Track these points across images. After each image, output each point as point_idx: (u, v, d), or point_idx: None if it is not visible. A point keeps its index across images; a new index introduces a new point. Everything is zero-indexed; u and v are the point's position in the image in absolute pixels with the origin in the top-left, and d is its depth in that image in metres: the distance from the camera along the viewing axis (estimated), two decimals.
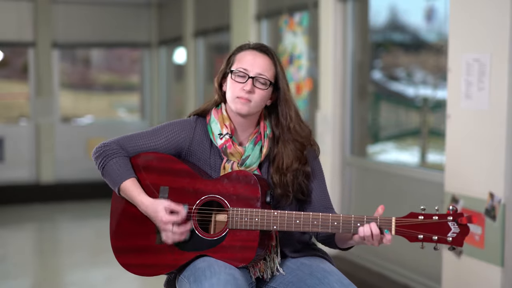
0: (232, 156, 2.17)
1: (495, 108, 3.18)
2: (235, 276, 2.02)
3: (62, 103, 8.69)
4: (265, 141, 2.20)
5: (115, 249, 2.24)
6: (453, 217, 1.97)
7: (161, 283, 2.38)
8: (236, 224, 2.08)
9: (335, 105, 4.84)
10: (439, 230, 1.97)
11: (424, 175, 4.17)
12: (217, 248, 2.10)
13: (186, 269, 2.14)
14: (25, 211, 7.68)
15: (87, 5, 8.53)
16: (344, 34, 4.81)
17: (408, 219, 1.99)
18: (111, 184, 2.20)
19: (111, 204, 2.25)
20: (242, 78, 2.15)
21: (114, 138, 2.24)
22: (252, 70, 2.15)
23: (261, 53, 2.18)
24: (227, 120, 2.20)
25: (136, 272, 2.22)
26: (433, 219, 1.97)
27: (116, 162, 2.18)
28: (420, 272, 4.20)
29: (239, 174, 2.11)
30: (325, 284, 2.08)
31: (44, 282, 5.07)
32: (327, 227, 2.04)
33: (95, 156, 2.23)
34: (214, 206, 2.16)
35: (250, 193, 2.09)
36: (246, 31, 6.00)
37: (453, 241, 1.97)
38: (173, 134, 2.22)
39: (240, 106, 2.15)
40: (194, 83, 7.58)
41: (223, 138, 2.18)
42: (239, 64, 2.17)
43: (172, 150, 2.22)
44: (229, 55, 2.23)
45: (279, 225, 2.07)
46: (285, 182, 2.17)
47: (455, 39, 3.43)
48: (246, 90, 2.13)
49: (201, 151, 2.22)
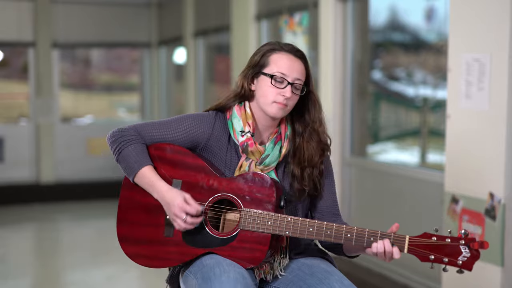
0: (252, 154, 2.16)
1: (495, 108, 3.18)
2: (244, 275, 2.02)
3: (62, 103, 8.69)
4: (285, 142, 2.20)
5: (121, 237, 2.22)
6: (466, 241, 1.99)
7: (162, 282, 2.38)
8: (248, 225, 2.08)
9: (335, 105, 4.84)
10: (451, 253, 1.99)
11: (424, 175, 4.18)
12: (226, 247, 2.09)
13: (192, 265, 2.13)
14: (25, 211, 7.68)
15: (87, 5, 8.53)
16: (344, 34, 4.81)
17: (422, 239, 2.01)
18: (127, 170, 2.17)
19: (120, 193, 2.23)
20: (280, 83, 2.13)
21: (131, 124, 2.22)
22: (290, 75, 2.13)
23: (296, 58, 2.16)
24: (250, 119, 2.18)
25: (141, 262, 2.21)
26: (445, 242, 2.00)
27: (134, 149, 2.16)
28: (420, 272, 4.20)
29: (256, 176, 2.10)
30: (325, 284, 2.08)
31: (44, 282, 5.07)
32: (340, 238, 2.05)
33: (111, 140, 2.19)
34: (225, 205, 2.16)
35: (265, 196, 2.09)
36: (246, 31, 6.00)
37: (463, 264, 1.99)
38: (192, 127, 2.20)
39: (276, 110, 2.14)
40: (194, 83, 7.58)
41: (244, 135, 2.17)
42: (277, 68, 2.13)
43: (188, 143, 2.20)
44: (260, 53, 2.18)
45: (292, 231, 2.06)
46: (305, 176, 2.18)
47: (455, 39, 3.43)
48: (285, 97, 2.12)
49: (218, 147, 2.20)
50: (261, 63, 2.16)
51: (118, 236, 2.23)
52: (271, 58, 2.15)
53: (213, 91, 7.51)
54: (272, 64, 2.14)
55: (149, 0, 8.75)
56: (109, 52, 9.26)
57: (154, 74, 8.96)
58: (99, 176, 8.30)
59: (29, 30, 8.16)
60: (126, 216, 2.22)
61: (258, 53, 2.19)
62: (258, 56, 2.17)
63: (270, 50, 2.17)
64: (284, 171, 2.22)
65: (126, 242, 2.21)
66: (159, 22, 8.83)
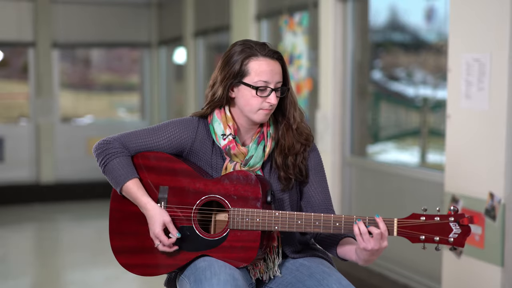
0: (236, 157, 2.17)
1: (495, 108, 3.18)
2: (234, 277, 2.02)
3: (62, 103, 8.69)
4: (268, 141, 2.20)
5: (115, 249, 2.23)
6: (455, 218, 1.97)
7: (161, 283, 2.38)
8: (237, 225, 2.08)
9: (335, 105, 4.84)
10: (441, 231, 1.97)
11: (424, 175, 4.17)
12: (218, 248, 2.10)
13: (187, 268, 2.14)
14: (25, 211, 7.68)
15: (87, 5, 8.52)
16: (344, 34, 4.81)
17: (410, 220, 2.00)
18: (113, 183, 2.19)
19: (110, 204, 2.24)
20: (263, 91, 2.12)
21: (115, 135, 2.22)
22: (272, 81, 2.12)
23: (274, 61, 2.14)
24: (231, 121, 2.18)
25: (136, 272, 2.22)
26: (434, 220, 1.98)
27: (119, 162, 2.17)
28: (420, 272, 4.20)
29: (240, 174, 2.11)
30: (324, 285, 2.07)
31: (44, 282, 5.07)
32: (329, 227, 2.05)
33: (96, 153, 2.21)
34: (214, 206, 2.16)
35: (251, 193, 2.09)
36: (246, 31, 6.00)
37: (454, 241, 1.97)
38: (176, 133, 2.21)
39: (263, 117, 2.14)
40: (194, 83, 7.58)
41: (226, 138, 2.17)
42: (258, 77, 2.11)
43: (174, 149, 2.21)
44: (238, 61, 2.13)
45: (280, 225, 2.07)
46: (288, 164, 2.18)
47: (455, 39, 3.43)
48: (271, 103, 2.12)
49: (203, 151, 2.21)
50: (241, 73, 2.13)
51: (112, 248, 2.24)
52: (250, 66, 2.12)
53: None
54: (252, 73, 2.12)
55: (149, 0, 8.75)
56: (109, 52, 9.26)
57: (154, 74, 8.96)
58: (99, 176, 8.19)
59: (29, 30, 8.16)
60: (118, 227, 2.23)
61: (234, 60, 2.14)
62: (237, 64, 2.13)
63: (247, 57, 2.13)
64: (271, 168, 2.22)
65: (121, 253, 2.22)
66: (159, 22, 8.83)
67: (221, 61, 2.19)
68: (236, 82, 2.15)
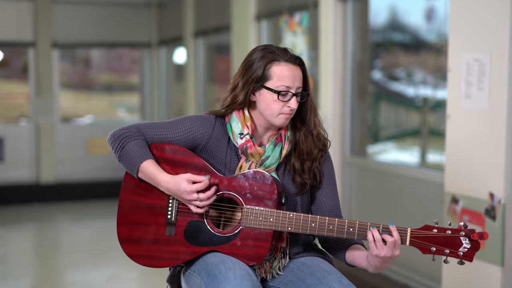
0: (252, 157, 2.18)
1: (495, 108, 3.18)
2: (249, 272, 2.03)
3: (62, 103, 8.69)
4: (285, 143, 2.21)
5: (121, 238, 2.23)
6: (466, 233, 2.02)
7: (162, 281, 2.38)
8: (250, 223, 2.10)
9: (335, 105, 4.84)
10: (452, 244, 2.02)
11: (424, 175, 4.18)
12: (229, 245, 2.11)
13: (195, 263, 2.14)
14: (25, 211, 7.68)
15: (87, 5, 8.53)
16: (344, 34, 4.81)
17: (423, 231, 2.04)
18: (129, 166, 2.18)
19: (120, 195, 2.24)
20: (284, 96, 2.14)
21: (131, 124, 2.25)
22: (293, 86, 2.14)
23: (295, 66, 2.16)
24: (249, 121, 2.19)
25: (141, 262, 2.22)
26: (446, 233, 2.03)
27: (136, 144, 2.17)
28: (420, 272, 4.20)
29: (256, 173, 2.12)
30: (324, 284, 2.08)
31: (44, 282, 5.07)
32: (342, 232, 2.07)
33: (112, 139, 2.21)
34: (226, 203, 2.17)
35: (266, 193, 2.10)
36: (246, 31, 6.00)
37: (463, 255, 2.02)
38: (193, 128, 2.22)
39: (283, 121, 2.16)
40: (194, 83, 7.58)
41: (243, 138, 2.18)
42: (280, 82, 2.13)
43: (188, 144, 2.22)
44: (261, 66, 2.14)
45: (294, 227, 2.08)
46: (305, 169, 2.20)
47: (455, 39, 3.43)
48: (291, 108, 2.14)
49: (218, 149, 2.22)
50: (263, 77, 2.15)
51: (118, 237, 2.24)
52: (272, 71, 2.14)
53: (213, 91, 7.51)
54: (274, 78, 2.14)
55: (149, 0, 8.75)
56: (109, 52, 9.26)
57: (154, 74, 8.96)
58: (99, 176, 8.30)
59: (29, 30, 8.17)
60: (126, 217, 2.23)
61: (256, 65, 2.15)
62: (259, 69, 2.14)
63: (270, 62, 2.14)
64: (285, 169, 2.23)
65: (127, 243, 2.22)
66: (159, 22, 8.83)
67: (242, 66, 2.20)
68: (258, 86, 2.16)
